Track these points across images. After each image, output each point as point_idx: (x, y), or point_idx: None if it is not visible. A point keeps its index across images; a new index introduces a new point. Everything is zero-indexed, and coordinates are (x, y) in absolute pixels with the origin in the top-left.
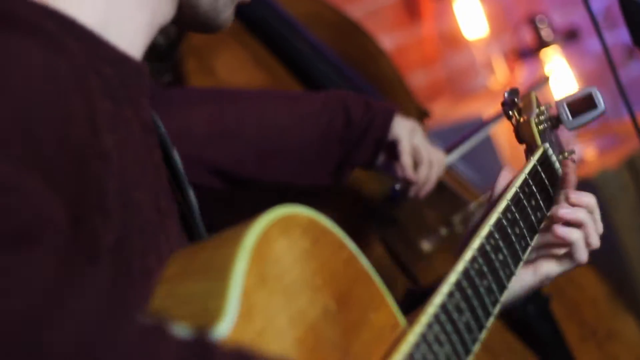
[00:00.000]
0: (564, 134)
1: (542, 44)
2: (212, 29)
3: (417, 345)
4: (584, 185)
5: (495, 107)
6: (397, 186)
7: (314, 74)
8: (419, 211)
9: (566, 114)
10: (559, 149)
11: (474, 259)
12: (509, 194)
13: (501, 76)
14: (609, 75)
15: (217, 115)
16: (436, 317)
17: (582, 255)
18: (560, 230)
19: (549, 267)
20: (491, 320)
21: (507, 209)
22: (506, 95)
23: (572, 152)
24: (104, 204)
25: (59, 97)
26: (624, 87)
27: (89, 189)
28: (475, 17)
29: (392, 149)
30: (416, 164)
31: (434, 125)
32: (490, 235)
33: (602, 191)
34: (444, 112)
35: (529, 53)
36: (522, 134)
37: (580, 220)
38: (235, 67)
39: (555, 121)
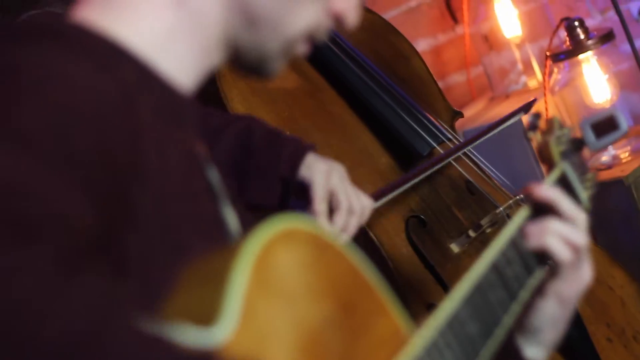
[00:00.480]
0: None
1: (577, 46)
2: (260, 76)
3: (426, 350)
4: (617, 184)
5: (533, 108)
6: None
7: (344, 76)
8: (448, 213)
9: (589, 136)
10: (582, 170)
11: (487, 273)
12: (523, 212)
13: (539, 77)
14: None
15: None
16: (448, 323)
17: (562, 254)
18: (531, 230)
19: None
20: (507, 320)
21: (521, 228)
22: (529, 119)
23: (595, 174)
24: (134, 218)
25: (101, 112)
26: None
27: (121, 201)
28: (513, 17)
29: (304, 192)
30: (332, 210)
31: (471, 125)
32: (503, 253)
33: (635, 191)
34: (481, 112)
35: (564, 55)
36: (543, 156)
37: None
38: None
39: (579, 143)
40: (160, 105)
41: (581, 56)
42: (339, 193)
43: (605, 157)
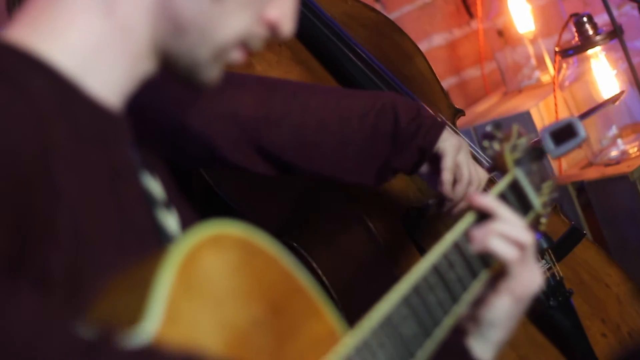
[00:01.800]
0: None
1: (586, 41)
2: (196, 85)
3: (357, 350)
4: (623, 180)
5: (545, 103)
6: (431, 202)
7: (348, 72)
8: (454, 218)
9: (549, 143)
10: (541, 176)
11: (426, 275)
12: (468, 217)
13: (552, 72)
14: None
15: (263, 101)
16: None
17: (506, 253)
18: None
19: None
20: (447, 321)
21: (465, 232)
22: (488, 128)
23: (554, 181)
24: (53, 236)
25: (9, 136)
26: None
27: (36, 221)
28: (527, 13)
29: (435, 162)
30: (455, 181)
31: (482, 119)
32: (446, 256)
33: None
34: (494, 106)
35: (573, 51)
36: (496, 164)
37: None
38: (272, 62)
39: (540, 151)
40: (80, 123)
41: (590, 52)
42: (463, 167)
43: (614, 152)
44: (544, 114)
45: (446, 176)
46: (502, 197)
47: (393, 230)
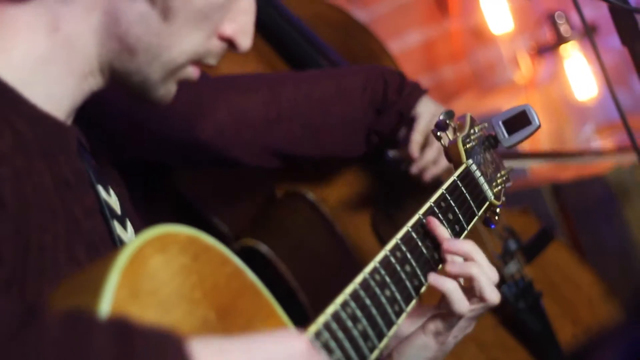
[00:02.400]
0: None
1: (561, 40)
2: (151, 101)
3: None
4: (598, 181)
5: (519, 102)
6: (391, 154)
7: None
8: (412, 206)
9: (502, 132)
10: (496, 167)
11: (374, 270)
12: (422, 210)
13: (526, 71)
14: (628, 71)
15: (272, 101)
16: (326, 325)
17: (460, 306)
18: (432, 277)
19: (435, 324)
20: (393, 329)
21: (417, 223)
22: (440, 117)
23: (508, 170)
24: None
25: None
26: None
27: None
28: (501, 12)
29: (412, 126)
30: (425, 145)
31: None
32: (396, 248)
33: (616, 187)
34: (470, 105)
35: (548, 49)
36: (449, 154)
37: (467, 273)
38: (238, 62)
39: (493, 140)
40: (22, 134)
41: (564, 50)
42: None
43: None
44: None
45: (415, 136)
46: (455, 189)
47: (359, 227)
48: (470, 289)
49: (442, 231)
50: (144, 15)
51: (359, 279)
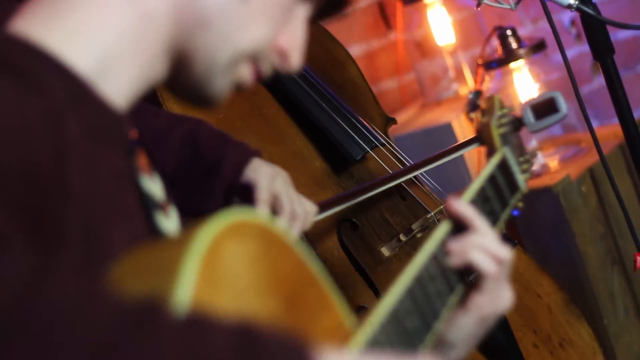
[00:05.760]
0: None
1: (509, 54)
2: (203, 98)
3: (365, 346)
4: (546, 193)
5: (463, 114)
6: None
7: (279, 80)
8: (380, 217)
9: (529, 116)
10: (520, 151)
11: (425, 264)
12: (466, 199)
13: (471, 85)
14: (570, 88)
15: None
16: (382, 325)
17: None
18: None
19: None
20: (439, 323)
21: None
22: (470, 96)
23: (533, 154)
24: (62, 238)
25: (24, 132)
26: (582, 100)
27: (48, 221)
28: (446, 25)
29: (248, 195)
30: (276, 214)
31: (402, 131)
32: (442, 239)
33: (564, 200)
34: (413, 118)
35: (495, 63)
36: (483, 137)
37: (468, 261)
38: None
39: (518, 123)
40: (91, 123)
41: (512, 65)
42: (282, 197)
43: (534, 166)
44: (465, 127)
45: (260, 209)
46: (493, 179)
47: (325, 240)
48: None
49: (464, 208)
50: None
51: (411, 271)
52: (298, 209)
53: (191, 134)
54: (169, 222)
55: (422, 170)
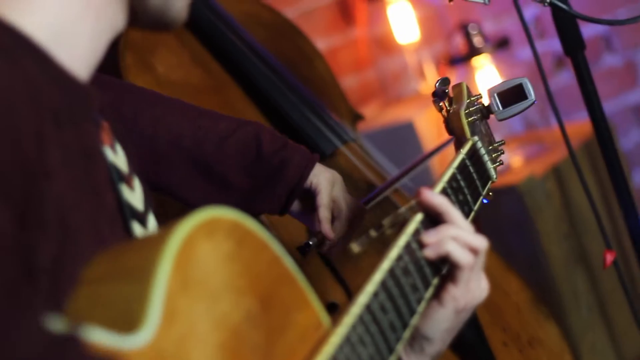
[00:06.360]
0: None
1: (473, 51)
2: (166, 24)
3: (340, 347)
4: (510, 192)
5: (426, 112)
6: (312, 240)
7: (250, 74)
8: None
9: (497, 104)
10: (489, 139)
11: (399, 257)
12: (437, 189)
13: (432, 81)
14: (538, 83)
15: (115, 101)
16: (360, 317)
17: (461, 256)
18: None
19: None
20: (416, 318)
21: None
22: (437, 85)
23: (502, 142)
24: (43, 222)
25: (10, 110)
26: (553, 95)
27: (32, 204)
28: (408, 22)
29: (309, 199)
30: (333, 218)
31: (364, 128)
32: (416, 232)
33: (527, 199)
34: (374, 115)
35: (460, 60)
36: (452, 126)
37: (444, 252)
38: (173, 64)
39: (486, 111)
40: (60, 100)
41: (476, 61)
42: (340, 202)
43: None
44: (429, 124)
45: (323, 214)
46: (464, 168)
47: (294, 239)
48: None
49: (437, 199)
50: None
51: (385, 265)
52: (353, 212)
53: (255, 137)
54: (133, 195)
55: (409, 174)
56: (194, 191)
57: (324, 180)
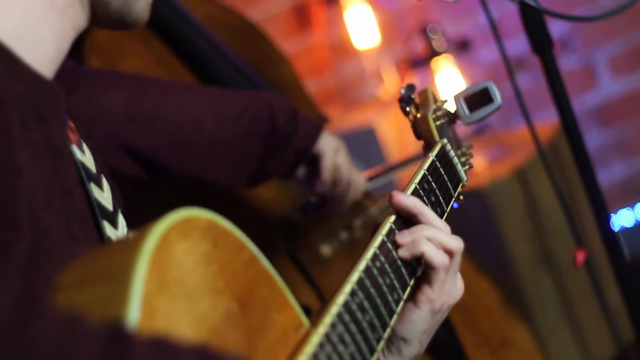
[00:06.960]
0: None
1: (434, 53)
2: (128, 24)
3: (321, 346)
4: (474, 195)
5: (385, 117)
6: (312, 199)
7: (217, 76)
8: (319, 215)
9: (463, 109)
10: (457, 144)
11: (375, 257)
12: (409, 191)
13: (391, 86)
14: (499, 85)
15: (135, 98)
16: (339, 316)
17: (436, 257)
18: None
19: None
20: (395, 318)
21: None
22: (403, 91)
23: (469, 146)
24: (16, 220)
25: None
26: (522, 96)
27: (3, 203)
28: (367, 25)
29: (313, 164)
30: (335, 183)
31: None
32: (390, 232)
33: (492, 201)
34: (333, 120)
35: (420, 62)
36: (419, 131)
37: (418, 252)
38: (138, 68)
39: (453, 116)
40: (26, 99)
41: (436, 63)
42: (342, 168)
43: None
44: (390, 129)
45: (326, 176)
46: (435, 170)
47: (264, 241)
48: None
49: (411, 200)
50: None
51: (361, 265)
52: (353, 178)
53: (268, 109)
54: (103, 195)
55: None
56: (216, 168)
57: (328, 147)
